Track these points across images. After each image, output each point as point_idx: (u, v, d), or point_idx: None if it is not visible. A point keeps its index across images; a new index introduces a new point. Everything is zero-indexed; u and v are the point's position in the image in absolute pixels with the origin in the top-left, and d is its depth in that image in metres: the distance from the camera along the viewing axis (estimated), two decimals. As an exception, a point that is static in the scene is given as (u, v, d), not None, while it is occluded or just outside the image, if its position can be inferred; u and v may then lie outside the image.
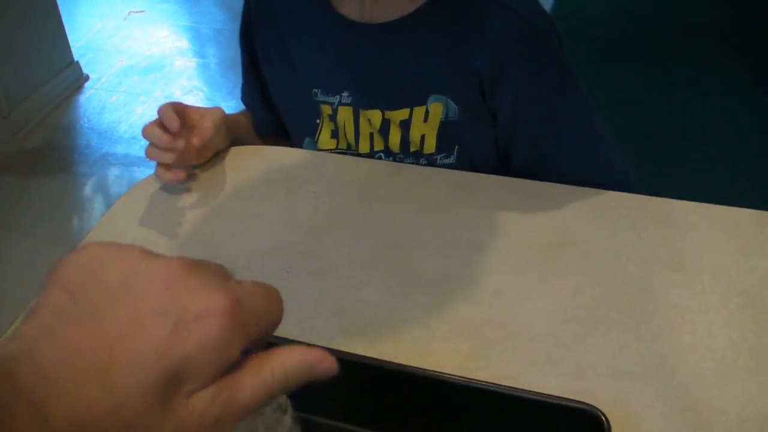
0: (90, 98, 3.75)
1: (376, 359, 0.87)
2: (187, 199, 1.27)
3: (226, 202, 1.25)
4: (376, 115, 1.32)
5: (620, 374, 0.95)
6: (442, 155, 1.32)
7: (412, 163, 1.33)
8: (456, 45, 1.26)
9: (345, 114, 1.35)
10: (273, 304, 0.54)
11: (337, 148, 1.39)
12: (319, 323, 1.03)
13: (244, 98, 1.57)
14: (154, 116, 1.24)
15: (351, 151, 1.37)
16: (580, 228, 1.16)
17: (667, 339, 0.99)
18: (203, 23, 4.27)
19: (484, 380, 0.85)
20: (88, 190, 3.24)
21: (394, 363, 0.87)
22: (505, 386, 0.84)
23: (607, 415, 0.80)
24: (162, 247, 1.17)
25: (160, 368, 0.45)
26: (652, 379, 0.95)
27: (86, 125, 3.58)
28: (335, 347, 0.97)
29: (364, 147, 1.36)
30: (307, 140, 1.42)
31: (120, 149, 3.36)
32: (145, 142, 1.25)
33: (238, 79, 1.48)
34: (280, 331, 0.57)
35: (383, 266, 1.12)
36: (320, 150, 1.39)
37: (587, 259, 1.11)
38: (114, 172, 3.26)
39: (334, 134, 1.38)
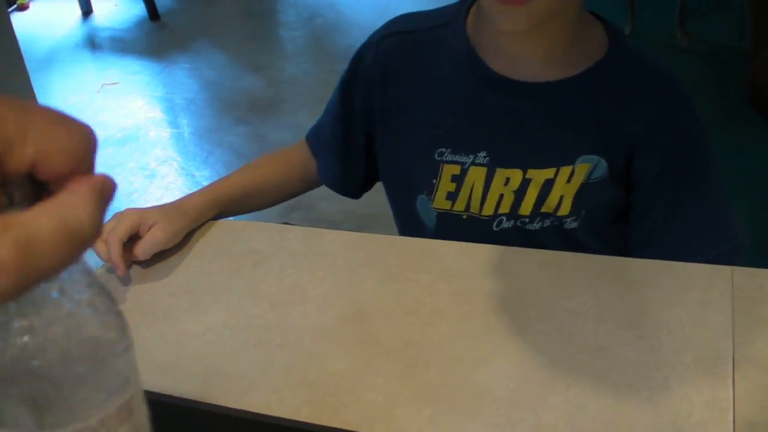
0: (66, 173, 3.77)
1: (339, 429, 0.90)
2: (152, 274, 1.29)
3: (191, 277, 1.28)
4: (516, 175, 1.31)
5: (580, 432, 0.98)
6: (572, 218, 1.32)
7: (537, 228, 1.34)
8: (612, 111, 1.28)
9: (477, 174, 1.33)
10: (68, 129, 0.44)
11: (452, 209, 1.37)
12: (286, 395, 1.05)
13: (313, 144, 1.54)
14: (129, 188, 1.27)
15: (469, 213, 1.36)
16: (538, 289, 1.18)
17: (625, 395, 1.02)
18: (176, 93, 4.30)
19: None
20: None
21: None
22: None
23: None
24: (131, 324, 1.19)
25: None
26: (611, 435, 0.97)
27: (62, 200, 3.59)
28: (302, 418, 1.00)
29: (488, 209, 1.34)
30: (421, 198, 1.39)
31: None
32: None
33: (212, 148, 1.49)
34: (250, 404, 0.58)
35: (347, 336, 1.14)
36: (435, 209, 1.39)
37: (546, 320, 1.13)
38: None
39: (451, 196, 1.36)
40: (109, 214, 1.23)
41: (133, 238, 1.29)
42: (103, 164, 3.68)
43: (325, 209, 3.16)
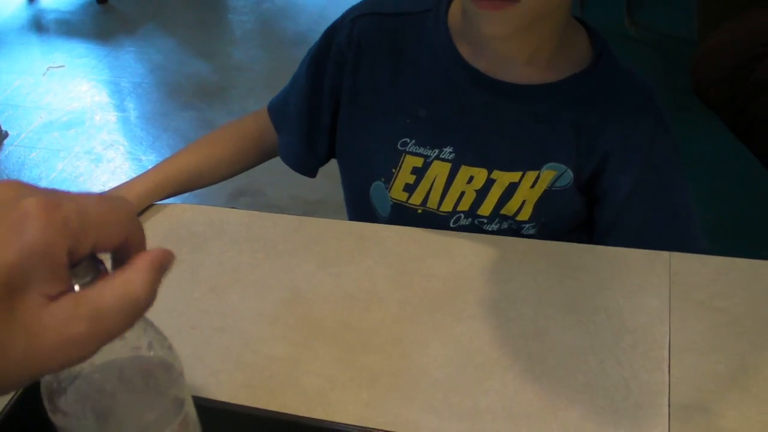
0: (9, 155, 3.72)
1: (276, 412, 0.89)
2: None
3: (131, 261, 1.26)
4: (480, 174, 1.29)
5: (516, 416, 0.98)
6: (531, 224, 1.31)
7: (494, 229, 1.32)
8: (590, 121, 1.27)
9: (439, 169, 1.31)
10: (113, 211, 0.55)
11: (407, 201, 1.36)
12: (222, 378, 1.04)
13: (276, 118, 1.50)
14: (74, 172, 1.26)
15: (425, 207, 1.34)
16: (477, 274, 1.19)
17: (562, 379, 1.02)
18: (123, 77, 4.27)
19: (384, 429, 0.87)
20: (8, 248, 3.21)
21: (293, 415, 0.89)
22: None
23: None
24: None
25: None
26: (548, 419, 0.98)
27: (6, 183, 3.55)
28: (239, 401, 1.00)
29: (447, 206, 1.33)
30: (376, 184, 1.37)
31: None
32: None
33: (159, 132, 1.46)
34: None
35: (286, 320, 1.13)
36: (392, 199, 1.36)
37: (484, 305, 1.13)
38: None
39: (408, 188, 1.34)
40: (71, 165, 1.21)
41: None
42: (47, 148, 3.66)
43: (272, 195, 3.14)
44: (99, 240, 0.53)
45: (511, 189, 1.29)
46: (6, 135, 3.83)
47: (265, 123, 1.51)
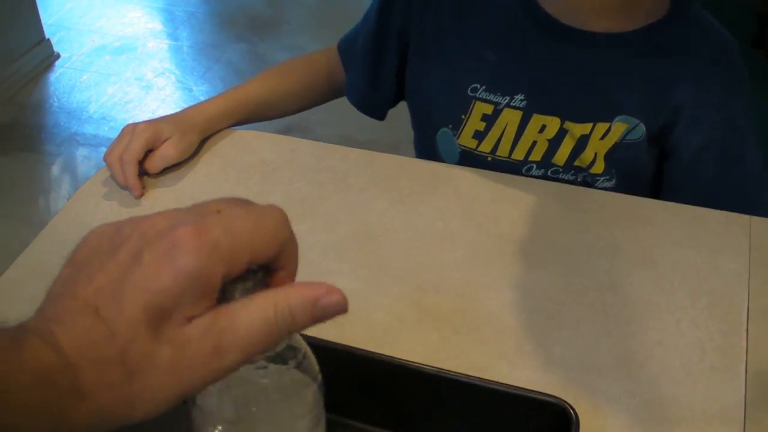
0: (60, 77, 3.72)
1: (346, 345, 0.88)
2: (159, 182, 1.26)
3: (198, 185, 1.25)
4: (553, 123, 1.26)
5: (588, 369, 0.96)
6: (605, 177, 1.29)
7: (570, 180, 1.29)
8: (662, 73, 1.23)
9: (510, 117, 1.28)
10: (263, 225, 0.55)
11: (476, 149, 1.33)
12: (289, 310, 1.02)
13: (345, 55, 1.49)
14: (124, 97, 1.25)
15: (495, 155, 1.31)
16: (551, 222, 1.16)
17: (636, 336, 1.00)
18: (177, 5, 4.24)
19: (454, 370, 0.85)
20: (55, 170, 3.22)
21: (365, 350, 0.87)
22: (474, 377, 0.84)
23: (575, 409, 0.80)
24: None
25: (141, 303, 0.49)
26: (620, 374, 0.95)
27: (55, 104, 3.55)
28: (305, 333, 0.98)
29: (519, 154, 1.30)
30: (443, 131, 1.35)
31: (89, 129, 3.33)
32: (114, 123, 1.26)
33: (211, 63, 1.44)
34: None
35: (355, 255, 1.12)
36: (460, 146, 1.34)
37: (558, 254, 1.11)
38: (82, 152, 3.23)
39: (478, 135, 1.31)
40: (117, 129, 1.21)
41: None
42: (98, 72, 3.65)
43: (321, 132, 3.12)
44: (252, 257, 0.54)
45: (583, 141, 1.26)
46: (57, 56, 3.82)
47: (335, 59, 1.49)
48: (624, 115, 1.23)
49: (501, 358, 0.97)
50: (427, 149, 1.41)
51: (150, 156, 1.26)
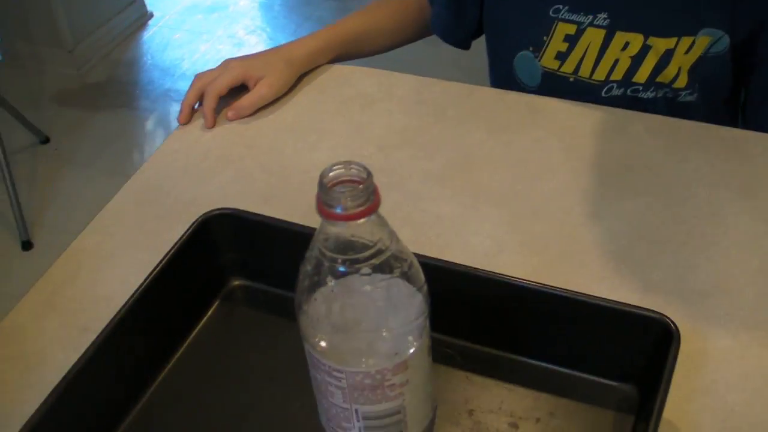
0: (153, 35, 3.78)
1: (451, 262, 0.89)
2: (259, 113, 1.28)
3: (298, 117, 1.27)
4: (636, 39, 1.26)
5: (689, 292, 0.96)
6: (688, 91, 1.28)
7: (649, 98, 1.29)
8: None
9: (593, 36, 1.28)
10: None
11: (558, 70, 1.33)
12: (390, 233, 1.04)
13: None
14: (216, 55, 1.31)
15: (576, 75, 1.32)
16: (650, 153, 1.16)
17: (737, 261, 1.00)
18: (267, -35, 4.28)
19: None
20: (149, 125, 3.28)
21: (469, 266, 0.89)
22: (578, 293, 0.85)
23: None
24: (235, 157, 1.19)
25: None
26: (720, 298, 0.95)
27: (149, 62, 3.61)
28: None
29: (600, 74, 1.30)
30: (521, 54, 1.36)
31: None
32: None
33: (301, 20, 1.45)
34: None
35: (454, 182, 1.13)
36: (542, 68, 1.35)
37: (657, 183, 1.11)
38: (176, 108, 3.27)
39: (560, 56, 1.32)
40: (214, 49, 1.25)
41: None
42: (190, 30, 3.70)
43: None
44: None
45: (667, 56, 1.25)
46: (150, 15, 3.88)
47: None
48: (708, 28, 1.22)
49: (601, 281, 0.97)
50: (503, 75, 1.42)
51: (246, 95, 1.28)
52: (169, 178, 1.18)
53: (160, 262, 0.90)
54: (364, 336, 0.70)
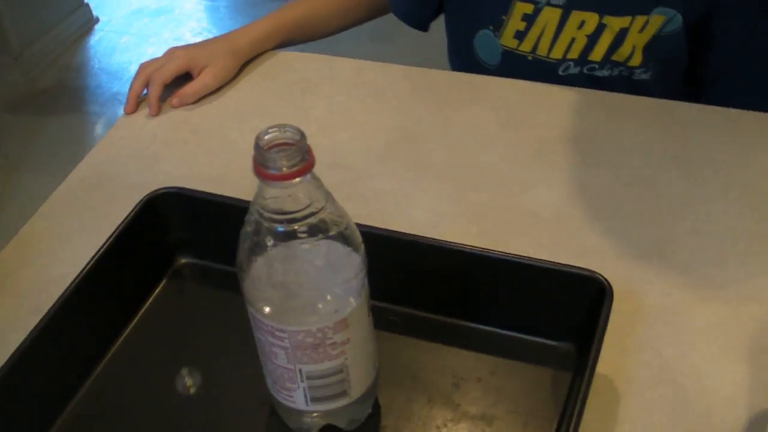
0: (100, 40, 3.77)
1: (389, 230, 0.91)
2: (204, 100, 1.30)
3: (241, 102, 1.28)
4: (592, 18, 1.26)
5: (623, 255, 0.99)
6: (643, 69, 1.30)
7: (605, 75, 1.31)
8: None
9: (550, 15, 1.28)
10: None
11: (517, 48, 1.34)
12: (333, 209, 1.06)
13: None
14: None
15: (534, 54, 1.33)
16: (586, 124, 1.19)
17: (669, 224, 1.03)
18: (213, -33, 4.28)
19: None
20: (99, 128, 3.28)
21: (408, 233, 0.91)
22: (514, 254, 0.87)
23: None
24: (181, 142, 1.21)
25: None
26: (654, 260, 0.98)
27: (97, 66, 3.61)
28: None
29: (557, 52, 1.31)
30: (482, 33, 1.37)
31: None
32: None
33: (247, 21, 1.44)
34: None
35: (395, 158, 1.15)
36: (502, 46, 1.36)
37: (593, 153, 1.14)
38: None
39: (519, 35, 1.32)
40: (161, 51, 1.26)
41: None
42: (137, 33, 3.69)
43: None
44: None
45: (622, 34, 1.27)
46: (96, 20, 3.87)
47: None
48: (662, 7, 1.24)
49: (540, 247, 1.00)
50: (463, 54, 1.43)
51: (190, 84, 1.30)
52: (116, 164, 1.19)
53: (107, 240, 0.92)
54: (304, 295, 0.72)
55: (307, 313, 0.71)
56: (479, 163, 1.13)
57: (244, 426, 0.86)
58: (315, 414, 0.80)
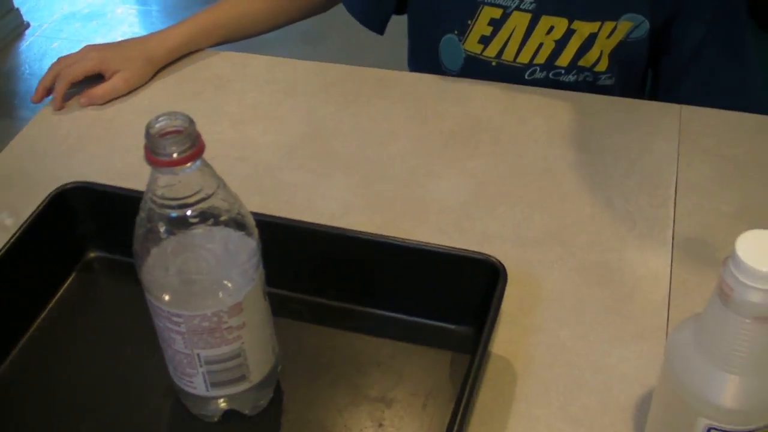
0: (31, 45, 3.74)
1: (289, 219, 0.93)
2: (118, 98, 1.31)
3: (154, 100, 1.29)
4: (561, 24, 1.27)
5: (524, 240, 1.02)
6: (608, 75, 1.32)
7: (571, 81, 1.32)
8: None
9: (519, 20, 1.27)
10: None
11: (481, 54, 1.33)
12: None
13: None
14: None
15: (500, 59, 1.33)
16: (491, 117, 1.22)
17: (569, 211, 1.06)
18: (144, -29, 4.27)
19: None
20: (30, 134, 3.25)
21: (307, 222, 0.93)
22: (412, 240, 0.90)
23: (510, 276, 0.86)
24: (94, 139, 1.22)
25: None
26: (554, 245, 1.01)
27: (27, 71, 3.58)
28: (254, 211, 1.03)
29: (524, 57, 1.31)
30: (447, 37, 1.35)
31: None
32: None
33: None
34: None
35: (304, 152, 1.17)
36: (465, 51, 1.34)
37: (497, 144, 1.17)
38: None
39: (484, 40, 1.31)
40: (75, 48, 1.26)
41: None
42: (68, 38, 3.67)
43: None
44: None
45: (590, 40, 1.28)
46: (27, 25, 3.85)
47: None
48: (630, 13, 1.25)
49: (441, 234, 1.03)
50: (426, 58, 1.41)
51: (101, 85, 1.30)
52: (30, 160, 1.19)
53: (15, 233, 0.93)
54: (199, 281, 0.73)
55: (203, 298, 0.73)
56: (386, 155, 1.16)
57: (148, 415, 0.87)
58: (216, 399, 0.82)
